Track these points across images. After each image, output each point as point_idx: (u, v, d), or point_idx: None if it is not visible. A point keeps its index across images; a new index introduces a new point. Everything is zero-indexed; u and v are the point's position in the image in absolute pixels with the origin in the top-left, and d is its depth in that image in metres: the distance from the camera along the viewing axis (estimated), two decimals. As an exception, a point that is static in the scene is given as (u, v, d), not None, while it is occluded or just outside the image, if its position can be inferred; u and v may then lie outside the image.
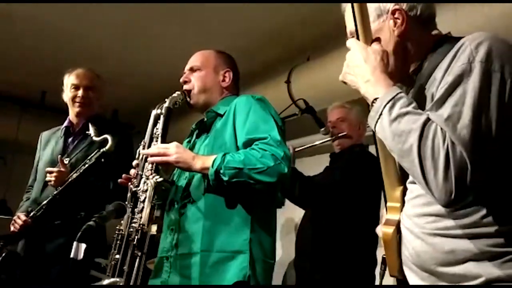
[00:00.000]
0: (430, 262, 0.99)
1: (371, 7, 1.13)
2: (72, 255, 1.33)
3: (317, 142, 2.69)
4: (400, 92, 1.00)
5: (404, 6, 1.13)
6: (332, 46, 3.14)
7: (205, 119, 1.77)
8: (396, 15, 1.12)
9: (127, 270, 1.44)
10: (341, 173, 2.46)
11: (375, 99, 1.01)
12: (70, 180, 2.18)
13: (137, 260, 1.45)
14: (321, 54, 3.33)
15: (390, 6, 1.13)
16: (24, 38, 3.71)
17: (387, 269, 1.13)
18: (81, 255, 1.33)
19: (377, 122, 1.00)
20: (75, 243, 1.36)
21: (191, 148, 1.75)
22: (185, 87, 1.80)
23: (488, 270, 0.91)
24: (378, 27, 1.14)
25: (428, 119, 0.93)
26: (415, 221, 1.03)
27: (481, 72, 0.91)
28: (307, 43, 3.47)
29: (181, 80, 1.82)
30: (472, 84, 0.91)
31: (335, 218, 2.45)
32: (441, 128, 0.90)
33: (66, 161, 2.29)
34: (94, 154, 2.18)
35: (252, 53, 3.45)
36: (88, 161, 2.19)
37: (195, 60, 1.85)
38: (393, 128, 0.95)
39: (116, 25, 3.50)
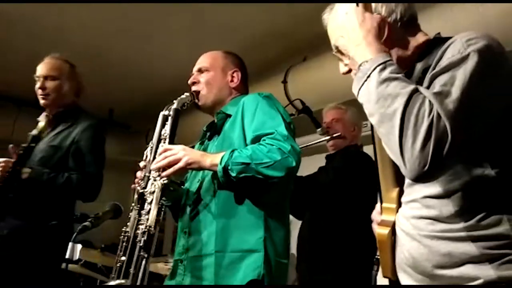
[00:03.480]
0: (426, 265, 0.99)
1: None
2: (67, 256, 1.33)
3: (310, 143, 2.70)
4: (391, 60, 0.98)
5: (383, 12, 1.12)
6: (328, 46, 3.11)
7: (215, 120, 1.77)
8: None
9: (133, 272, 1.43)
10: (334, 172, 2.47)
11: (365, 62, 0.99)
12: (9, 169, 2.11)
13: (143, 261, 1.45)
14: (318, 54, 3.33)
15: None
16: (20, 38, 3.69)
17: (380, 270, 1.13)
18: (76, 256, 1.33)
19: (363, 84, 0.97)
20: (70, 244, 1.35)
21: (204, 150, 1.75)
22: (194, 88, 1.79)
23: (486, 272, 0.91)
24: None
25: (417, 89, 0.91)
26: (412, 223, 1.03)
27: (473, 62, 0.91)
28: (303, 43, 3.47)
29: (189, 81, 1.82)
30: (462, 70, 0.91)
31: (331, 219, 2.46)
32: (429, 101, 0.89)
33: None
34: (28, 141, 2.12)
35: (249, 53, 3.42)
36: (22, 147, 2.14)
37: (203, 61, 1.85)
38: (380, 90, 0.93)
39: (113, 25, 3.49)
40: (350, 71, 1.17)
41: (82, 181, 2.16)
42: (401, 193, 1.11)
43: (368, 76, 0.96)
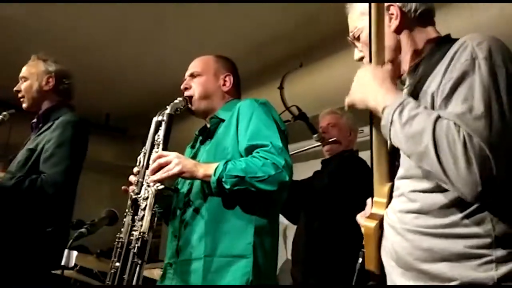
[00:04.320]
0: (408, 258, 1.00)
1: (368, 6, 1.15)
2: (63, 263, 1.33)
3: (305, 148, 2.71)
4: (408, 99, 1.00)
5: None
6: (324, 53, 3.17)
7: (209, 125, 1.78)
8: (390, 11, 1.16)
9: (127, 278, 1.44)
10: (329, 177, 2.48)
11: (384, 108, 1.01)
12: None
13: (137, 268, 1.45)
14: (314, 60, 3.35)
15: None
16: (15, 41, 3.69)
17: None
18: (72, 263, 1.33)
19: (390, 130, 0.99)
20: (66, 251, 1.35)
21: (195, 154, 1.76)
22: (186, 93, 1.80)
23: (463, 273, 0.92)
24: None
25: (438, 117, 0.93)
26: (399, 216, 1.05)
27: (486, 68, 0.93)
28: (300, 49, 3.49)
29: (182, 86, 1.82)
30: (478, 79, 0.93)
31: (327, 223, 2.47)
32: (454, 123, 0.90)
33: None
34: None
35: (245, 59, 3.46)
36: None
37: (195, 65, 1.85)
38: (406, 132, 0.95)
39: (109, 29, 3.50)
40: (362, 58, 1.22)
41: (44, 183, 1.99)
42: (393, 187, 1.12)
43: (391, 122, 0.98)
